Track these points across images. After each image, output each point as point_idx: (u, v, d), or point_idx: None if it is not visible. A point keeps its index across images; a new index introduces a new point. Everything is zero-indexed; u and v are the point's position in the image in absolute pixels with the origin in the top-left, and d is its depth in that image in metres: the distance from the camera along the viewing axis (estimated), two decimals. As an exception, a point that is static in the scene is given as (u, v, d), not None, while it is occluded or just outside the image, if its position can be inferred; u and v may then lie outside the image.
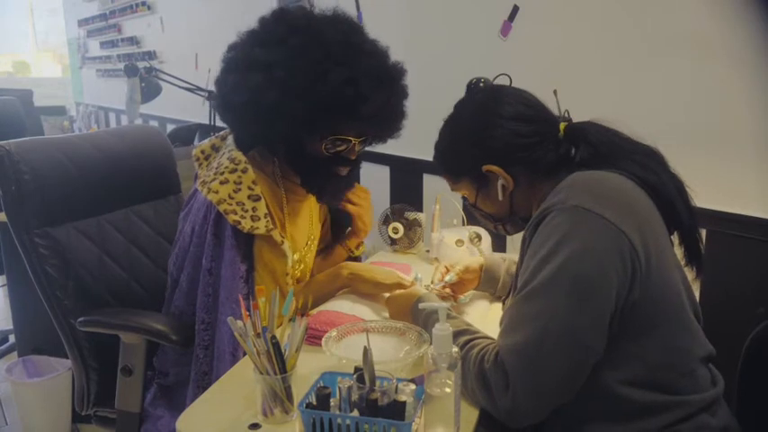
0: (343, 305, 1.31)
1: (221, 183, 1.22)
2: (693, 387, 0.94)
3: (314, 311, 1.26)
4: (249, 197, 1.22)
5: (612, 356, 0.91)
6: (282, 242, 1.26)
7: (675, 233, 1.02)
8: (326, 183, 1.30)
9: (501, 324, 0.97)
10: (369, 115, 1.20)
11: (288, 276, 1.30)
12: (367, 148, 1.35)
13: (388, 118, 1.29)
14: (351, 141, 1.25)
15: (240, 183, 1.22)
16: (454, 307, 1.31)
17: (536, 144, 1.03)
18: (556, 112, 1.10)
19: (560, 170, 1.02)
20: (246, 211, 1.21)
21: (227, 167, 1.24)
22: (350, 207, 1.48)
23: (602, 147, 1.01)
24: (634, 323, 0.91)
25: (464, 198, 1.16)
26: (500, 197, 1.07)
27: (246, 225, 1.20)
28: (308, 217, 1.44)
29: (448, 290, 1.35)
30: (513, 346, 0.89)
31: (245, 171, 1.23)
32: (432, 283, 1.38)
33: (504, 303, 1.28)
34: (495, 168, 1.04)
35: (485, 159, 1.05)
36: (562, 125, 1.05)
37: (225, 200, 1.20)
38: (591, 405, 0.93)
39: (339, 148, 1.25)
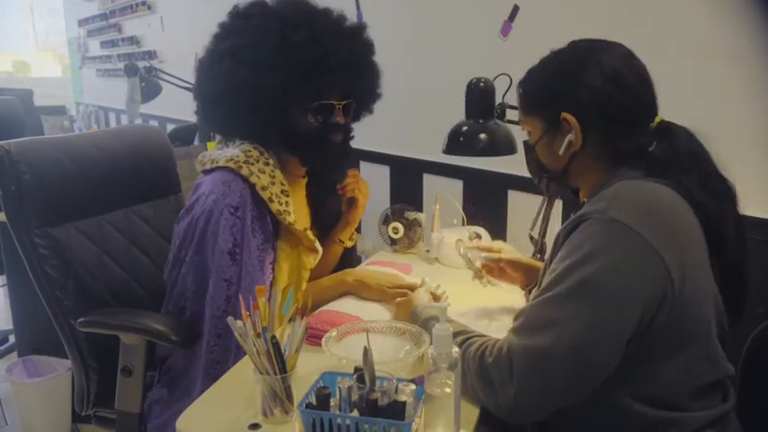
0: (343, 305, 1.31)
1: (260, 171, 1.25)
2: (702, 405, 0.93)
3: (314, 312, 1.26)
4: (282, 192, 1.27)
5: (630, 374, 0.90)
6: (314, 241, 1.30)
7: (716, 261, 0.97)
8: (326, 154, 1.32)
9: (515, 319, 0.95)
10: (337, 67, 1.24)
11: (307, 271, 1.34)
12: (367, 148, 1.36)
13: (359, 70, 1.32)
14: (333, 105, 1.28)
15: (274, 177, 1.27)
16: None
17: (623, 119, 0.97)
18: None
19: (625, 162, 0.98)
20: (282, 204, 1.26)
21: (258, 158, 1.27)
22: (358, 194, 1.50)
23: (682, 154, 0.97)
24: (656, 345, 0.89)
25: (524, 143, 1.10)
26: (561, 151, 1.00)
27: (289, 218, 1.26)
28: (305, 207, 1.46)
29: (485, 269, 1.36)
30: (524, 347, 0.89)
31: (276, 167, 1.29)
32: (475, 248, 1.40)
33: (528, 293, 1.27)
34: (573, 121, 0.98)
35: (569, 106, 0.98)
36: (658, 118, 1.01)
37: (267, 187, 1.24)
38: (600, 416, 0.93)
39: (325, 115, 1.29)
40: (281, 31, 1.22)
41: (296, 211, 1.34)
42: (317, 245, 1.34)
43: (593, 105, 0.97)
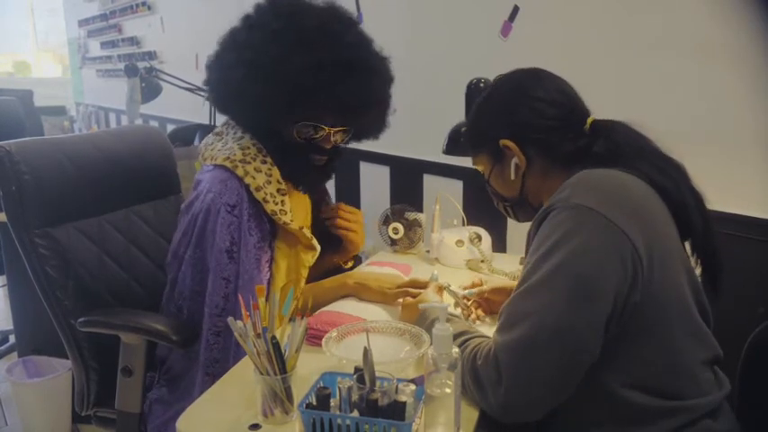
0: (344, 305, 1.31)
1: (256, 170, 1.25)
2: (696, 391, 0.93)
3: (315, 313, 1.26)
4: (278, 191, 1.26)
5: (613, 359, 0.90)
6: (311, 239, 1.29)
7: (689, 241, 1.01)
8: (302, 169, 1.31)
9: (498, 319, 0.96)
10: (341, 106, 1.22)
11: (305, 269, 1.33)
12: (366, 148, 1.35)
13: (365, 108, 1.27)
14: (324, 129, 1.26)
15: (270, 176, 1.26)
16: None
17: (556, 129, 1.04)
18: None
19: (576, 165, 1.02)
20: (277, 204, 1.25)
21: (257, 155, 1.27)
22: (347, 234, 1.46)
23: (624, 147, 1.01)
24: (635, 326, 0.90)
25: (485, 181, 1.16)
26: (512, 176, 1.08)
27: (284, 218, 1.25)
28: (305, 205, 1.45)
29: (472, 305, 1.33)
30: (507, 342, 0.89)
31: (273, 165, 1.28)
32: (459, 288, 1.36)
33: None
34: (511, 144, 1.05)
35: (504, 133, 1.06)
36: (590, 119, 1.05)
37: (262, 188, 1.24)
38: (593, 408, 0.93)
39: (312, 135, 1.27)
40: (290, 49, 1.18)
41: (294, 208, 1.34)
42: (315, 243, 1.33)
43: (525, 124, 1.05)
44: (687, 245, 1.02)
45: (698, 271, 1.02)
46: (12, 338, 2.72)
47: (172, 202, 1.66)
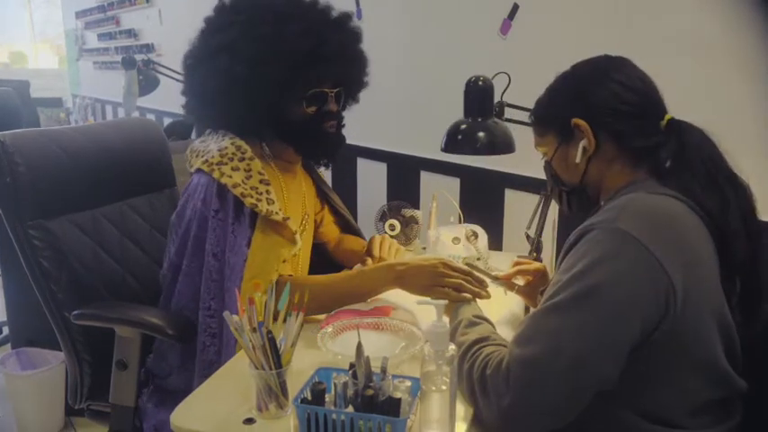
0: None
1: (233, 169, 1.24)
2: (701, 423, 0.92)
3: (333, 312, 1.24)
4: (261, 182, 1.26)
5: (625, 386, 0.88)
6: (295, 232, 1.29)
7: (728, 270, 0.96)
8: (319, 142, 1.35)
9: (518, 328, 0.93)
10: (332, 57, 1.27)
11: (285, 263, 1.29)
12: (364, 144, 1.35)
13: (351, 59, 1.36)
14: (326, 93, 1.31)
15: (250, 170, 1.26)
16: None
17: (631, 116, 1.00)
18: None
19: (642, 162, 1.00)
20: (261, 194, 1.24)
21: (234, 154, 1.27)
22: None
23: (690, 151, 0.98)
24: (653, 360, 0.88)
25: (546, 163, 1.12)
26: (577, 159, 1.02)
27: (263, 208, 1.23)
28: (302, 195, 1.45)
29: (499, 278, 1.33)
30: (522, 357, 0.86)
31: (252, 159, 1.27)
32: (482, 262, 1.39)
33: (540, 294, 1.25)
34: (583, 124, 1.01)
35: (577, 112, 1.01)
36: (668, 116, 1.02)
37: (239, 184, 1.23)
38: (593, 426, 0.91)
39: (319, 104, 1.31)
40: (275, 24, 1.24)
41: (286, 199, 1.35)
42: (297, 237, 1.30)
43: (601, 105, 1.00)
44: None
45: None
46: (5, 330, 2.71)
47: (167, 196, 1.66)
